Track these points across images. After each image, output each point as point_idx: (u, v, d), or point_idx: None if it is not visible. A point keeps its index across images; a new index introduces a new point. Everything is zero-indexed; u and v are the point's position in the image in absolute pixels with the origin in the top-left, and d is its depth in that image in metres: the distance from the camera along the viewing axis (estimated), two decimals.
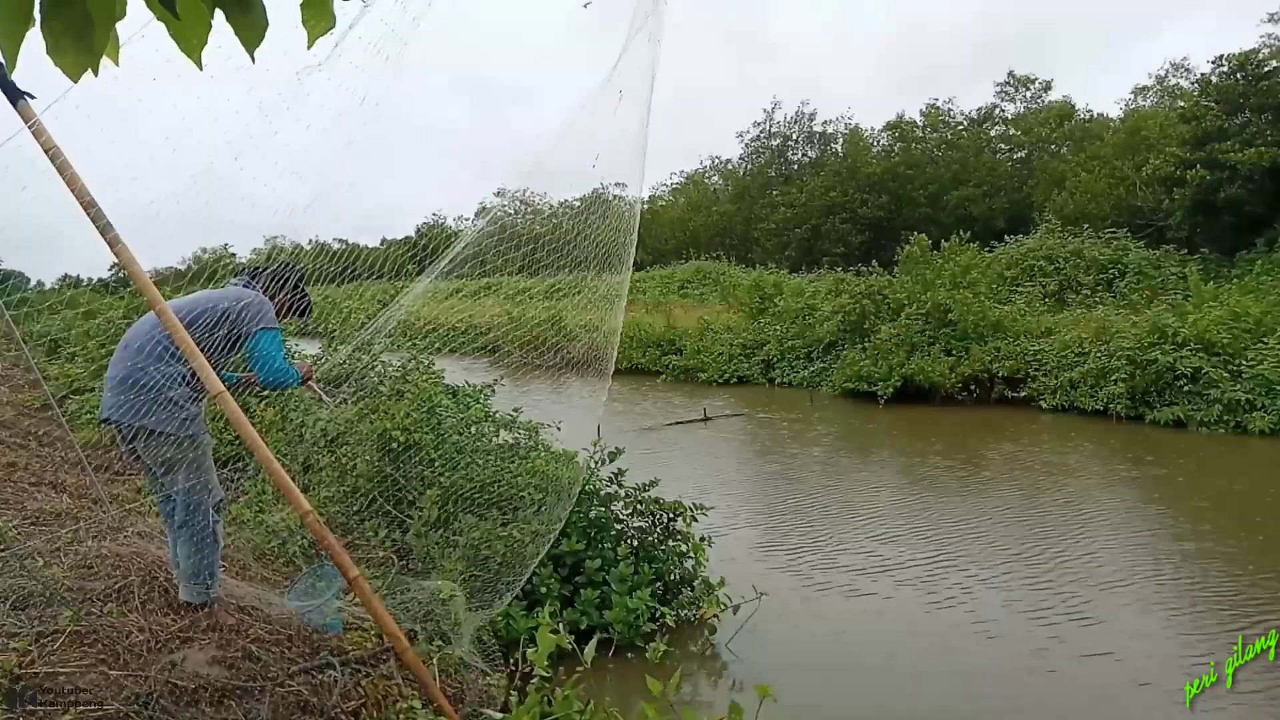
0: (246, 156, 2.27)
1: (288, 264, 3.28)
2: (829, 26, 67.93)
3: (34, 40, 1.13)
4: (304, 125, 2.20)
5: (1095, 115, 31.85)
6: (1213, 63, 19.18)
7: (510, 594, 3.80)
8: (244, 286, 3.12)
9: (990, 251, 18.67)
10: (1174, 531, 6.54)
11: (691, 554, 4.97)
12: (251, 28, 1.16)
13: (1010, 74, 34.61)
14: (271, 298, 3.16)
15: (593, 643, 2.39)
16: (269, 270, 3.23)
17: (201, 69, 1.23)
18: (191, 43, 1.19)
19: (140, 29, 1.24)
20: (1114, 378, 11.57)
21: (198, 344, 2.49)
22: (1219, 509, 7.09)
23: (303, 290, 3.31)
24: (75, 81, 1.16)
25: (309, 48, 1.27)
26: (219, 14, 1.16)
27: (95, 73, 1.17)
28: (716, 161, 43.40)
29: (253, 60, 1.22)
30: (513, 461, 4.88)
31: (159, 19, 1.16)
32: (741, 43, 65.65)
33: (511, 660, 3.56)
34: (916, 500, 7.77)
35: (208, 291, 3.11)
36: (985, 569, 5.74)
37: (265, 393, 4.22)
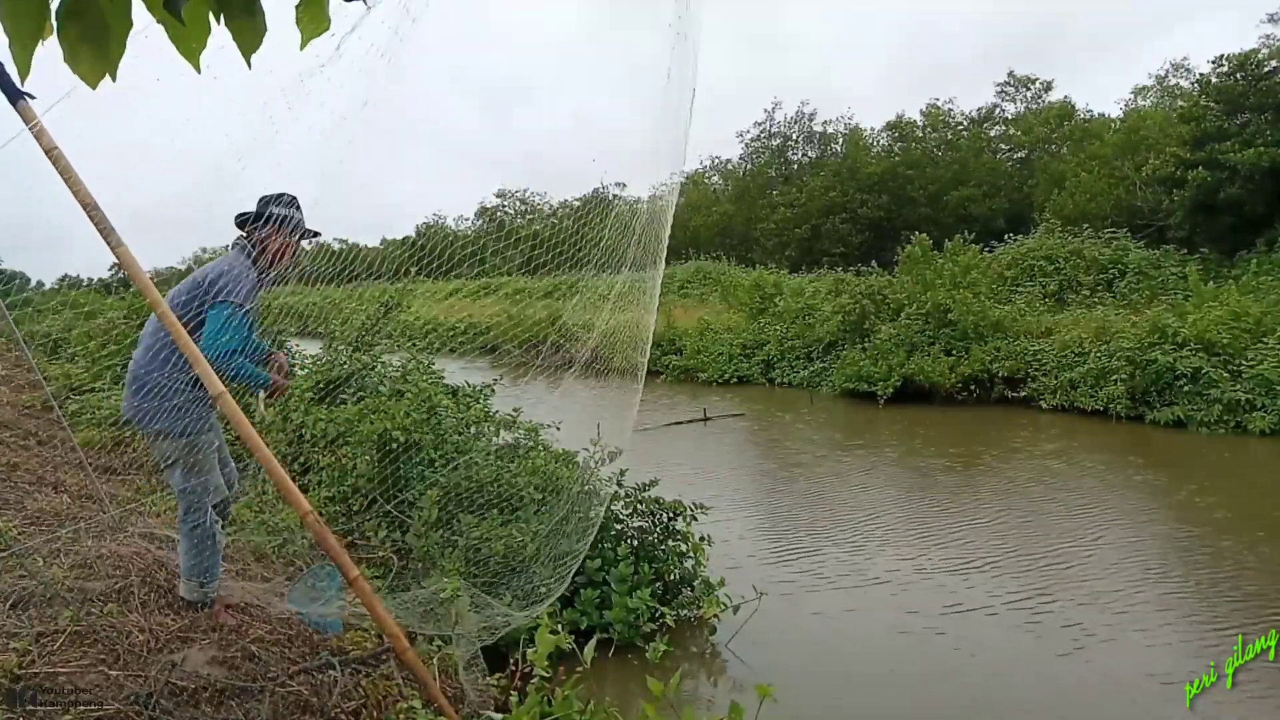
0: (249, 157, 2.27)
1: (268, 199, 3.03)
2: (835, 28, 67.96)
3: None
4: (305, 126, 2.19)
5: (1095, 115, 31.80)
6: (1213, 63, 19.11)
7: (554, 595, 3.79)
8: (239, 249, 3.02)
9: (990, 251, 18.65)
10: (1173, 531, 6.54)
11: (691, 554, 4.97)
12: (252, 33, 1.17)
13: (1010, 74, 34.57)
14: (269, 240, 3.02)
15: (592, 643, 2.39)
16: (257, 212, 3.02)
17: (200, 72, 1.23)
18: (191, 46, 1.19)
19: (141, 30, 1.24)
20: (1114, 378, 11.58)
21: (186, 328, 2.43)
22: (1219, 509, 7.09)
23: (296, 220, 3.07)
24: (93, 88, 1.18)
25: (301, 49, 1.28)
26: (218, 19, 1.16)
27: (114, 78, 1.18)
28: (716, 161, 43.34)
29: (249, 66, 1.22)
30: (533, 461, 4.89)
31: (159, 21, 1.17)
32: (745, 43, 65.60)
33: (511, 660, 3.56)
34: (916, 500, 7.77)
35: (201, 269, 3.01)
36: (984, 568, 5.74)
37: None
